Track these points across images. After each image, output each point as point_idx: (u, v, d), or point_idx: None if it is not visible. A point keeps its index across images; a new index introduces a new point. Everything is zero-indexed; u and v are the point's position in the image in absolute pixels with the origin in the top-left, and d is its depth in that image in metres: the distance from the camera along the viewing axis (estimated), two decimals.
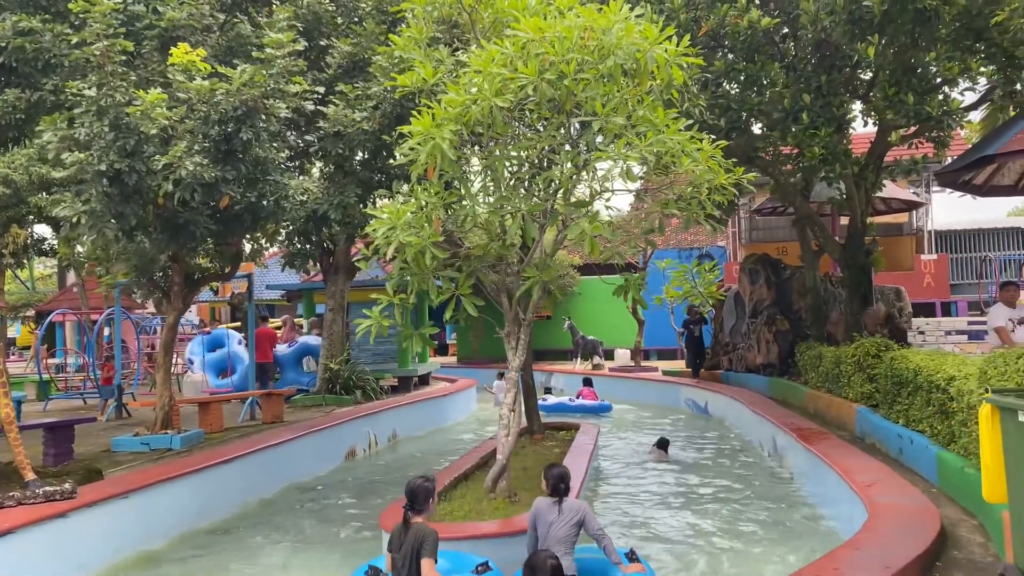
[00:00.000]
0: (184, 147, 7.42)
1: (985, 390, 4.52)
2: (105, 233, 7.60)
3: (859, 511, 6.79)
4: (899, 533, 5.51)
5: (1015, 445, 4.07)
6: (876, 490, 6.82)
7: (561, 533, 5.60)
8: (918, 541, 5.30)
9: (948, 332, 15.85)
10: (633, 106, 6.94)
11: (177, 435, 10.41)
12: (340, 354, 15.38)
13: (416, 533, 4.96)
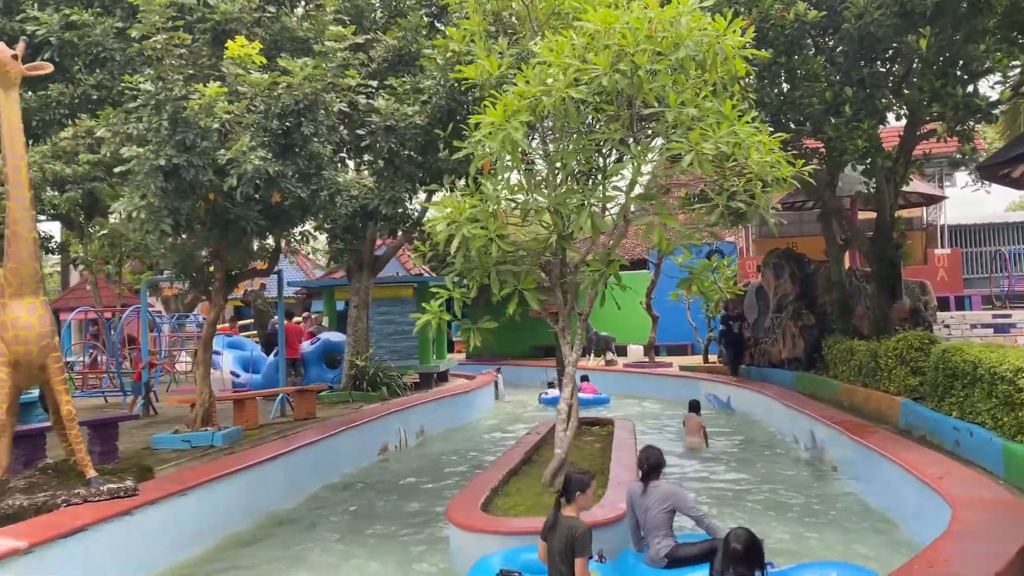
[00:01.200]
0: (248, 142, 7.34)
1: None
2: (163, 228, 7.52)
3: (931, 503, 6.80)
4: (992, 525, 5.51)
5: None
6: (949, 483, 6.81)
7: (657, 520, 5.60)
8: (1015, 532, 5.29)
9: (973, 326, 15.90)
10: (706, 96, 6.91)
11: (218, 432, 10.33)
12: (365, 351, 15.31)
13: (568, 528, 4.92)
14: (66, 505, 6.87)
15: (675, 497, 5.76)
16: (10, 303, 6.83)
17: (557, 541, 4.93)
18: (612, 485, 7.98)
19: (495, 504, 7.57)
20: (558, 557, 4.89)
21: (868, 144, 10.17)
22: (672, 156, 6.88)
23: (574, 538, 4.84)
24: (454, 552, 7.01)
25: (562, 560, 4.86)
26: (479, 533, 6.71)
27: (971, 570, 4.62)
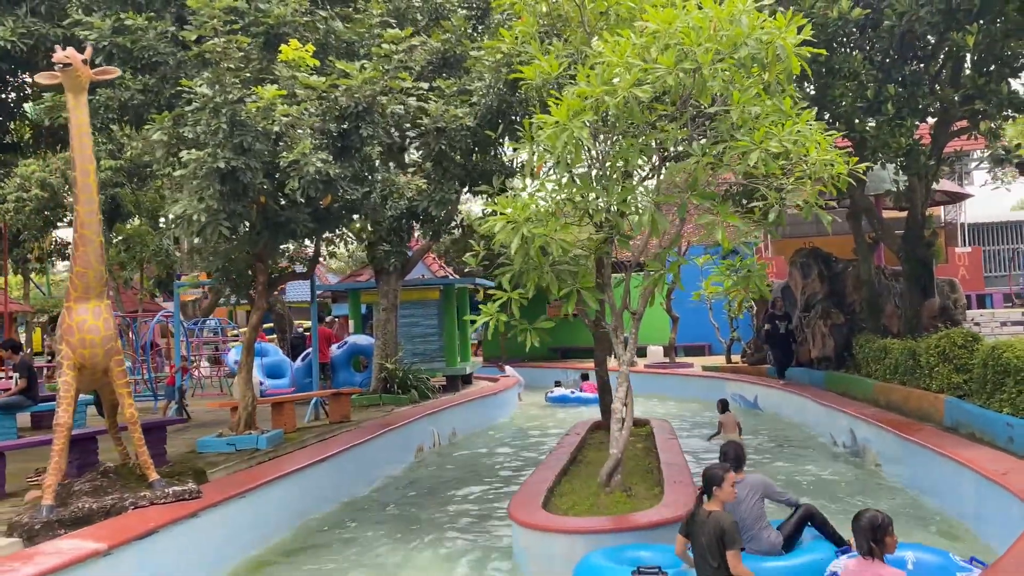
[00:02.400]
0: (310, 144, 7.36)
1: None
2: (221, 231, 7.54)
3: (996, 499, 6.81)
4: None
5: None
6: (1016, 479, 6.81)
7: (755, 511, 5.67)
8: None
9: (1003, 323, 15.92)
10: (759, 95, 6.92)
11: (262, 435, 10.34)
12: (394, 353, 15.33)
13: (714, 522, 4.97)
14: (134, 508, 6.88)
15: (764, 485, 5.87)
16: (76, 307, 6.85)
17: (704, 536, 4.98)
18: (668, 484, 7.99)
19: (553, 504, 7.59)
20: (707, 552, 4.95)
21: (911, 142, 10.18)
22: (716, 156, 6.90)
23: (723, 532, 4.89)
24: (520, 552, 7.02)
25: (711, 554, 4.93)
26: (545, 532, 6.74)
27: None
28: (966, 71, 10.21)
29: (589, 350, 26.70)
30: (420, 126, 8.97)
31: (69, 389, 6.87)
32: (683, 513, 6.89)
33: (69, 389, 6.87)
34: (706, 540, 4.95)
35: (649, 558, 5.75)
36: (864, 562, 4.59)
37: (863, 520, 4.65)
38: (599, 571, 5.66)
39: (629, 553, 5.92)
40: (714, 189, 7.89)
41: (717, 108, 6.87)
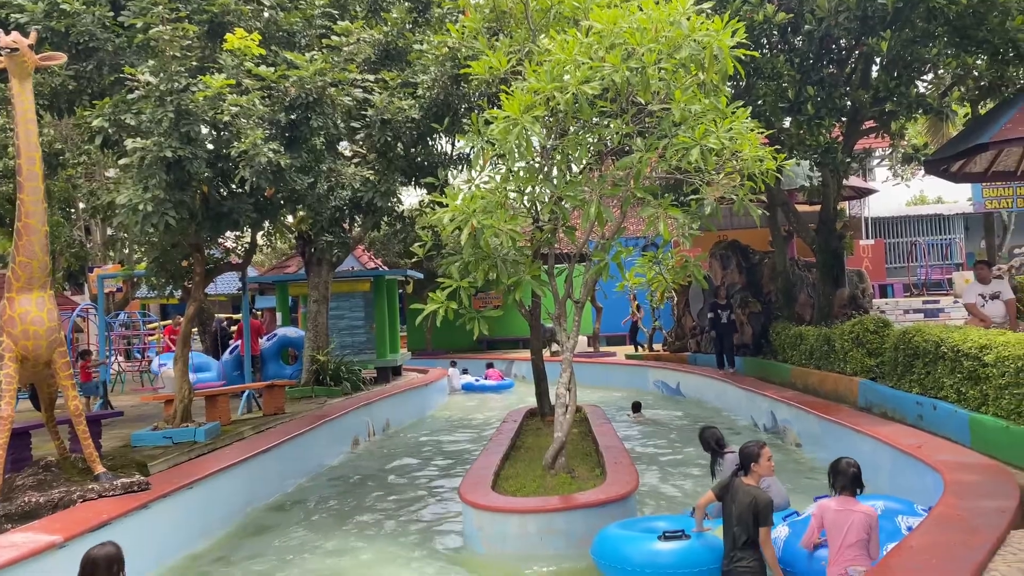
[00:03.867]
0: (262, 134, 7.36)
1: None
2: (168, 221, 7.46)
3: (912, 471, 7.41)
4: (985, 485, 6.10)
5: None
6: (929, 451, 7.43)
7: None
8: (1008, 490, 5.89)
9: (906, 311, 16.98)
10: (695, 94, 7.30)
11: (199, 428, 10.22)
12: (326, 346, 15.28)
13: (752, 497, 5.22)
14: (82, 501, 6.79)
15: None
16: (18, 298, 6.70)
17: (738, 508, 5.24)
18: (610, 466, 8.35)
19: (501, 487, 7.83)
20: (736, 521, 5.23)
21: (827, 140, 10.82)
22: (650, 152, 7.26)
23: (758, 508, 5.17)
24: (472, 532, 7.24)
25: (741, 526, 5.20)
26: (498, 512, 6.99)
27: (987, 520, 5.16)
28: (875, 74, 10.89)
29: (515, 341, 27.24)
30: (365, 117, 9.04)
31: (12, 382, 6.72)
32: (627, 492, 7.33)
33: (12, 382, 6.72)
34: (739, 512, 5.22)
35: (663, 526, 6.03)
36: (842, 499, 5.27)
37: (841, 464, 5.38)
38: (625, 540, 5.95)
39: (642, 524, 6.31)
40: (651, 184, 8.23)
41: (659, 105, 7.21)
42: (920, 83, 12.28)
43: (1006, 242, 24.86)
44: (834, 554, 5.16)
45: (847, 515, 5.17)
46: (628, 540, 5.94)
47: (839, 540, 5.13)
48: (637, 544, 5.84)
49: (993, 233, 23.61)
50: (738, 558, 5.21)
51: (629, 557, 5.77)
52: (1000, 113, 10.52)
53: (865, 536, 5.10)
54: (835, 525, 5.19)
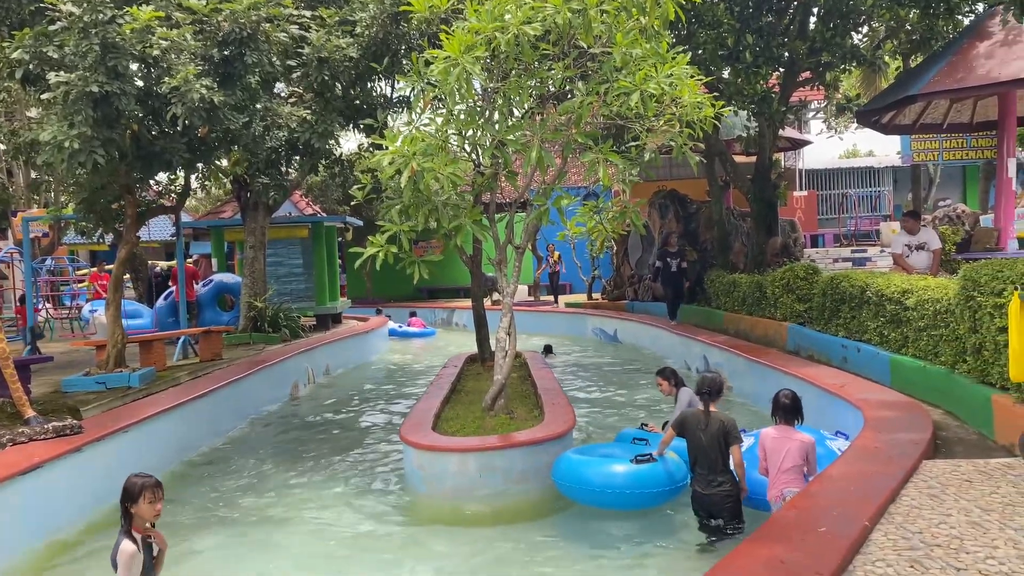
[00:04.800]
0: (194, 70, 7.11)
1: (1015, 288, 5.40)
2: (96, 160, 7.20)
3: (836, 408, 7.75)
4: (902, 420, 6.43)
5: None
6: (851, 390, 7.78)
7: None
8: (922, 424, 6.23)
9: (835, 260, 17.53)
10: (636, 39, 7.31)
11: (134, 373, 10.06)
12: (263, 292, 15.08)
13: (720, 421, 5.72)
14: (12, 444, 6.66)
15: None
16: None
17: (708, 434, 5.71)
18: (547, 406, 8.51)
19: (441, 428, 7.93)
20: (709, 446, 5.71)
21: (764, 90, 10.99)
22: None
23: (727, 429, 5.68)
24: (413, 472, 7.33)
25: (713, 448, 5.69)
26: (439, 452, 7.08)
27: (902, 451, 5.46)
28: (812, 25, 11.04)
29: (456, 289, 27.27)
30: (301, 56, 8.80)
31: None
32: (564, 430, 7.50)
33: None
34: (709, 437, 5.70)
35: (618, 454, 6.52)
36: (781, 428, 5.66)
37: (779, 397, 5.76)
38: (591, 463, 6.43)
39: (602, 450, 6.76)
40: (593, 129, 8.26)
41: (601, 49, 7.21)
42: (855, 35, 12.51)
43: (932, 194, 25.73)
44: (772, 477, 5.58)
45: (784, 442, 5.56)
46: (595, 463, 6.38)
47: (777, 465, 5.53)
48: (606, 467, 6.31)
49: (920, 185, 24.38)
50: (717, 482, 5.68)
51: (612, 480, 6.23)
52: (929, 66, 10.82)
53: (801, 462, 5.48)
54: (774, 451, 5.58)
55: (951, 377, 6.98)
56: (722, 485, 5.68)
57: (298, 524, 6.87)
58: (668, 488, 6.23)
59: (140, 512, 3.91)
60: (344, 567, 5.93)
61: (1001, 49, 10.35)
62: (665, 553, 5.88)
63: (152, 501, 3.93)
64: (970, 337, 6.54)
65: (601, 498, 6.31)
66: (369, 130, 10.12)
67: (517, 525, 6.51)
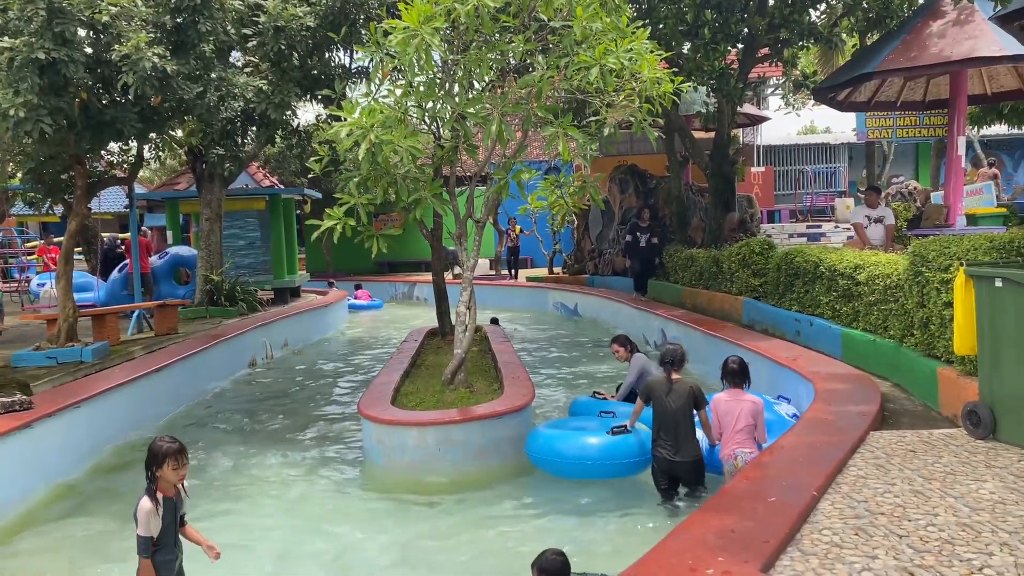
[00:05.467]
0: (146, 37, 6.92)
1: (961, 264, 5.55)
2: (43, 128, 6.99)
3: (788, 381, 7.92)
4: (852, 392, 6.60)
5: (989, 306, 5.10)
6: (803, 363, 7.95)
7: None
8: (871, 396, 6.40)
9: (791, 235, 17.75)
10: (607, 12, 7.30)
11: (86, 348, 9.88)
12: (220, 265, 14.87)
13: (687, 388, 6.05)
14: None
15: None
16: None
17: (675, 400, 5.99)
18: (507, 380, 8.55)
19: (400, 402, 7.94)
20: (679, 414, 5.98)
21: (723, 66, 11.05)
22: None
23: (696, 394, 6.03)
24: (372, 446, 7.34)
25: (680, 414, 5.98)
26: (397, 426, 7.10)
27: (851, 422, 5.61)
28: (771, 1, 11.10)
29: (417, 263, 27.15)
30: (257, 24, 8.61)
31: None
32: (523, 403, 7.56)
33: None
34: (677, 403, 5.98)
35: (591, 427, 6.78)
36: (731, 391, 6.00)
37: (727, 362, 6.11)
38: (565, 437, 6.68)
39: (572, 423, 6.99)
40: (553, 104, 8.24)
41: (561, 22, 7.18)
42: (812, 12, 12.62)
43: (886, 171, 26.16)
44: (725, 438, 5.89)
45: (736, 404, 5.88)
46: (572, 437, 6.63)
47: (730, 426, 5.85)
48: (583, 440, 6.56)
49: (874, 162, 24.75)
50: (686, 448, 5.95)
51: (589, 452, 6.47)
52: (884, 44, 10.96)
53: (752, 422, 5.78)
54: (727, 414, 5.89)
55: (899, 350, 7.16)
56: (690, 451, 5.96)
57: (256, 498, 6.86)
58: (641, 458, 6.46)
59: (165, 476, 3.99)
60: (301, 539, 5.94)
61: (953, 29, 10.53)
62: (622, 520, 6.01)
63: (176, 468, 4.00)
64: (918, 311, 6.71)
65: (579, 469, 6.52)
66: (327, 101, 9.99)
67: (476, 497, 6.57)
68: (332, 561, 5.59)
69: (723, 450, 5.88)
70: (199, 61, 7.84)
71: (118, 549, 5.55)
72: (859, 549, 3.62)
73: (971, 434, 5.33)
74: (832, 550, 3.63)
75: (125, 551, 5.08)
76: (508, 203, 23.57)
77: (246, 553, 5.58)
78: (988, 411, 5.20)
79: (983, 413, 5.23)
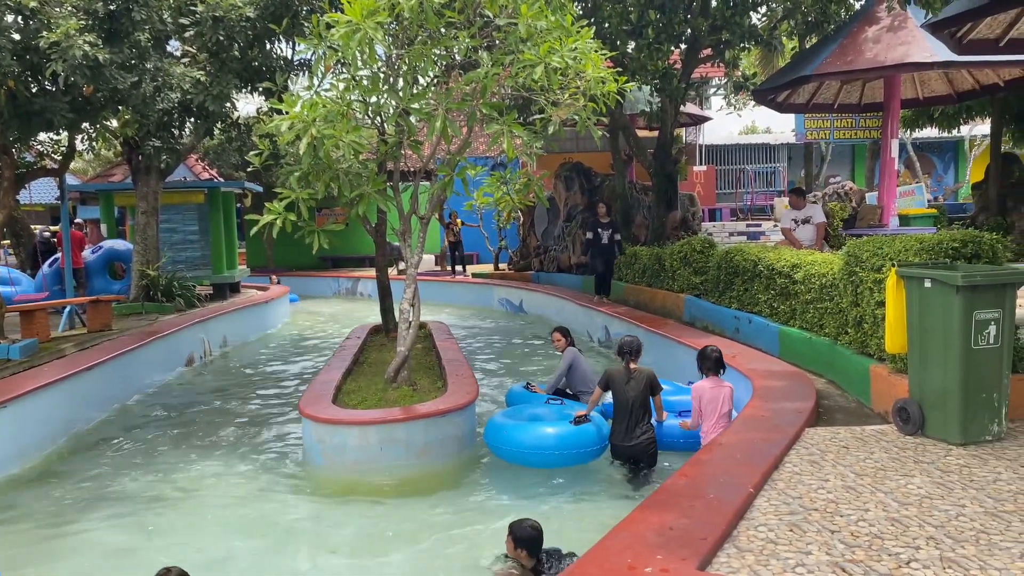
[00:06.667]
0: (76, 24, 6.67)
1: (892, 265, 5.70)
2: None
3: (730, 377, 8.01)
4: (788, 389, 6.74)
5: (919, 306, 5.26)
6: (742, 360, 8.08)
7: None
8: (806, 393, 6.54)
9: (731, 233, 18.11)
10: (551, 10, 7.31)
11: (13, 345, 9.54)
12: (156, 260, 14.49)
13: (644, 375, 6.68)
14: None
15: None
16: None
17: (633, 388, 6.59)
18: (451, 378, 8.52)
19: (342, 401, 7.84)
20: (636, 402, 6.56)
21: (666, 66, 11.17)
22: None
23: (653, 381, 6.67)
24: (312, 446, 7.23)
25: (638, 400, 6.56)
26: (338, 425, 7.01)
27: (787, 419, 5.73)
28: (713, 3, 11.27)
29: (361, 259, 26.85)
30: (195, 13, 8.39)
31: None
32: (466, 401, 7.53)
33: None
34: (636, 391, 6.57)
35: (547, 416, 7.08)
36: (712, 379, 6.41)
37: (707, 351, 6.50)
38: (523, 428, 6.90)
39: (529, 411, 7.30)
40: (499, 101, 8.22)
41: (506, 20, 7.16)
42: (754, 15, 12.86)
43: (823, 171, 26.86)
44: (711, 425, 6.24)
45: (719, 391, 6.32)
46: (536, 427, 6.87)
47: (715, 412, 6.25)
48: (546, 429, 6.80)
49: (812, 162, 25.42)
50: (641, 432, 6.53)
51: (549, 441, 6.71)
52: (822, 48, 11.22)
53: (731, 407, 6.31)
54: (712, 400, 6.30)
55: (834, 348, 7.34)
56: (646, 433, 6.56)
57: (192, 500, 6.70)
58: (600, 446, 6.84)
59: None
60: (240, 543, 5.82)
61: (887, 34, 10.84)
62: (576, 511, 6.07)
63: None
64: (852, 310, 6.89)
65: (542, 458, 6.76)
66: (268, 94, 9.80)
67: (419, 497, 6.52)
68: (268, 563, 5.48)
69: (709, 436, 6.11)
70: (133, 50, 7.61)
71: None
72: (793, 545, 3.70)
73: (901, 430, 5.49)
74: (767, 546, 3.70)
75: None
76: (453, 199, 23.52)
77: (177, 558, 5.44)
78: (917, 408, 5.36)
79: (912, 410, 5.39)
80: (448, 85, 7.89)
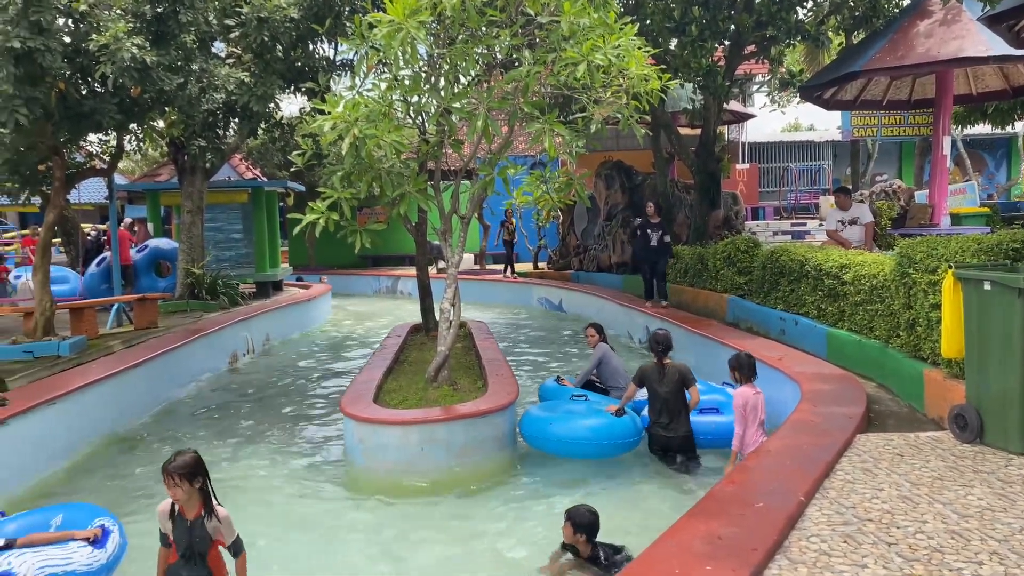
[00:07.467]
0: (125, 27, 6.76)
1: (949, 266, 5.52)
2: (18, 119, 6.82)
3: (774, 380, 7.88)
4: (838, 393, 6.57)
5: (978, 308, 5.08)
6: (789, 363, 7.92)
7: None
8: (857, 397, 6.37)
9: (775, 232, 17.79)
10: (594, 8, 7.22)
11: (64, 342, 9.72)
12: (201, 258, 14.69)
13: (677, 369, 6.87)
14: None
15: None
16: None
17: (667, 383, 6.79)
18: (491, 378, 8.47)
19: (383, 400, 7.84)
20: (672, 392, 6.76)
21: (709, 63, 10.99)
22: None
23: (686, 374, 6.84)
24: (354, 445, 7.23)
25: (672, 394, 6.75)
26: (380, 424, 7.00)
27: (837, 425, 5.58)
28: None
29: (401, 257, 26.98)
30: (240, 15, 8.45)
31: None
32: (507, 402, 7.48)
33: None
34: (668, 383, 6.78)
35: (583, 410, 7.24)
36: (751, 386, 6.25)
37: (742, 357, 6.37)
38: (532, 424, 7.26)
39: (563, 407, 7.43)
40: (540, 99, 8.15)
41: (548, 18, 7.08)
42: (800, 10, 12.61)
43: (869, 169, 26.31)
44: (754, 433, 6.10)
45: (758, 397, 6.21)
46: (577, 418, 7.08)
47: (756, 420, 6.11)
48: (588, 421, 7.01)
49: (858, 160, 24.89)
50: (677, 425, 6.72)
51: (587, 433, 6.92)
52: (871, 43, 10.95)
53: (764, 414, 6.20)
54: (756, 408, 6.15)
55: (885, 351, 7.14)
56: (682, 427, 6.75)
57: (235, 497, 6.73)
58: (637, 438, 7.04)
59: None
60: (280, 541, 5.84)
61: (940, 28, 10.53)
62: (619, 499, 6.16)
63: (168, 485, 3.88)
64: (904, 313, 6.69)
65: (584, 449, 6.95)
66: (311, 94, 9.85)
67: (459, 498, 6.49)
68: (309, 562, 5.49)
69: (753, 445, 5.93)
70: (180, 52, 7.69)
71: None
72: (848, 557, 3.58)
73: (958, 438, 5.31)
74: (821, 558, 3.58)
75: None
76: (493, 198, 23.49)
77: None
78: (975, 414, 5.18)
79: (970, 416, 5.20)
80: (489, 84, 7.83)
